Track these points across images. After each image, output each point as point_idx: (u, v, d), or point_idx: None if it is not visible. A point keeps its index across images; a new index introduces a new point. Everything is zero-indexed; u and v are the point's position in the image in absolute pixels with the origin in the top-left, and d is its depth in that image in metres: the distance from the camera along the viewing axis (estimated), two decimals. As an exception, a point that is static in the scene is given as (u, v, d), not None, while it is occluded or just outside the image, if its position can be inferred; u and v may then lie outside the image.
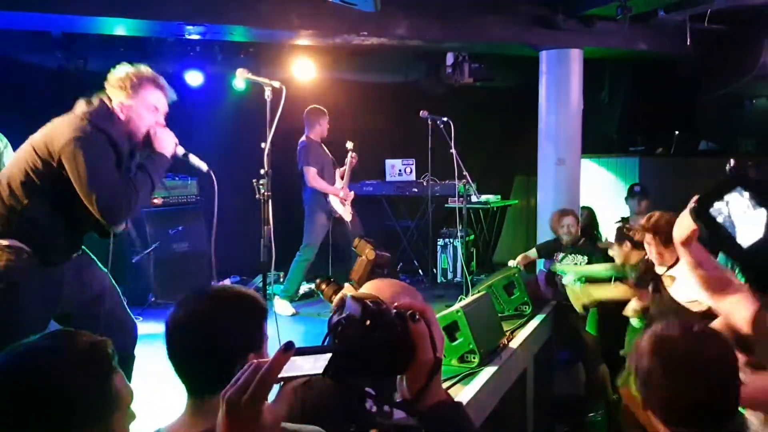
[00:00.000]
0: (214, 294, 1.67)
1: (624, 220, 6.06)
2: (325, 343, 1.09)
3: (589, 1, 5.79)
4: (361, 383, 1.11)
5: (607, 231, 6.70)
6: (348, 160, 6.13)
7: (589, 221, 6.48)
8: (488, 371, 3.98)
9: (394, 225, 7.62)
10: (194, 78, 6.83)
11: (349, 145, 6.15)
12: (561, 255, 5.69)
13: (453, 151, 5.66)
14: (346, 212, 6.00)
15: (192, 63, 6.76)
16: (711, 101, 8.84)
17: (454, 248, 6.90)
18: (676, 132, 8.93)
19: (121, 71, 2.93)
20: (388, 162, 7.63)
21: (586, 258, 5.58)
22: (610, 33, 6.12)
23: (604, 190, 8.02)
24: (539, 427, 5.32)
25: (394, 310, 1.08)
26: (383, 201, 7.61)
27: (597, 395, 5.70)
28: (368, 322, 1.05)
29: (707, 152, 8.98)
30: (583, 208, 6.56)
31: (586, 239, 5.76)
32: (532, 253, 5.96)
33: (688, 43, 6.27)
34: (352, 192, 6.16)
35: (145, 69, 2.98)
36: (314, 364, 1.02)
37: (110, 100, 2.91)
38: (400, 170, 7.60)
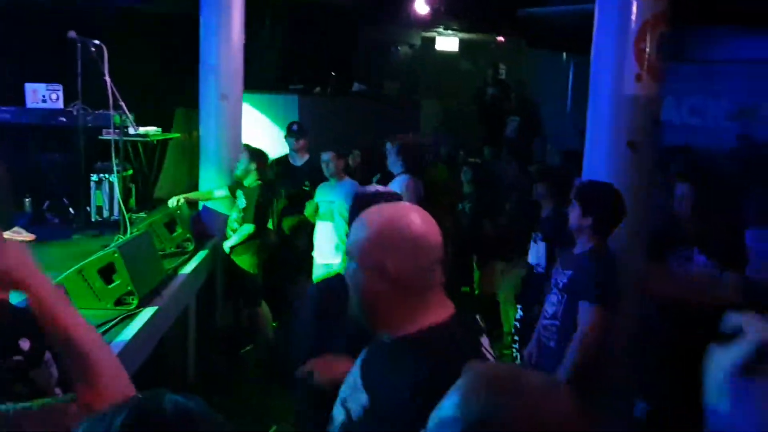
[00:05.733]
0: None
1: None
2: None
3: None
4: None
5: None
6: None
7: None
8: (148, 312, 3.87)
9: (38, 158, 6.84)
10: None
11: None
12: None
13: (107, 78, 5.23)
14: None
15: None
16: (363, 46, 9.52)
17: (110, 184, 6.45)
18: (333, 73, 9.47)
19: None
20: (29, 86, 6.74)
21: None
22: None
23: (266, 127, 8.21)
24: (200, 362, 5.38)
25: None
26: (25, 130, 6.75)
27: (256, 330, 5.96)
28: None
29: (359, 93, 9.72)
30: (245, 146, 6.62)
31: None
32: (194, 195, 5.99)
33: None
34: None
35: None
36: None
37: None
38: (44, 96, 6.77)
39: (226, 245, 5.73)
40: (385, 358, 1.57)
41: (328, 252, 5.60)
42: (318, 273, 5.63)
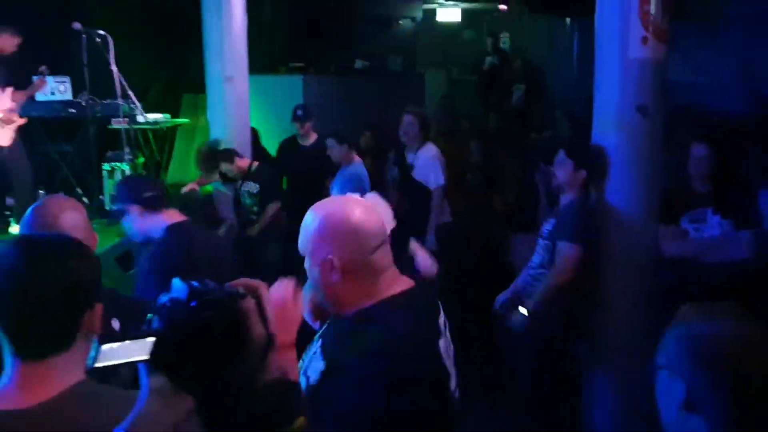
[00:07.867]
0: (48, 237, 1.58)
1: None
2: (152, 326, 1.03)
3: None
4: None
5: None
6: (36, 82, 5.70)
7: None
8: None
9: (50, 150, 6.90)
10: None
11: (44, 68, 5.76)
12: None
13: (113, 68, 5.26)
14: (4, 136, 5.35)
15: None
16: (364, 21, 9.45)
17: (123, 172, 6.52)
18: (335, 51, 9.42)
19: None
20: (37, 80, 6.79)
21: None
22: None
23: (272, 109, 8.19)
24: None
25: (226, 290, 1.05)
26: (35, 123, 6.81)
27: None
28: (194, 303, 0.99)
29: (362, 70, 9.66)
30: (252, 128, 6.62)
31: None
32: None
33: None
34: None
35: None
36: (138, 349, 0.99)
37: None
38: (52, 89, 6.84)
39: (253, 231, 5.64)
40: (342, 329, 1.71)
41: None
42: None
